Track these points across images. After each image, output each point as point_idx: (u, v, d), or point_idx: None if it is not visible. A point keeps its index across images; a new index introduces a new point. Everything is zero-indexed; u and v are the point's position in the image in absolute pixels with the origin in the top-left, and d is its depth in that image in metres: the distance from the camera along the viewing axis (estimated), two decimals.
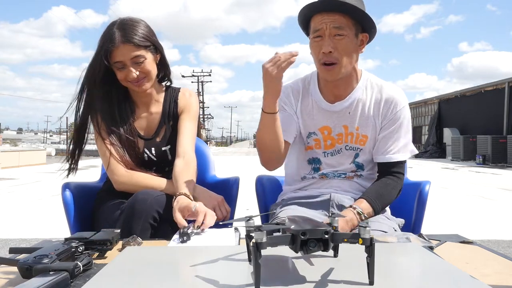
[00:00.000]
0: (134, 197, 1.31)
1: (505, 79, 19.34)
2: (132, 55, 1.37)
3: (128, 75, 1.39)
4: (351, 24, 1.25)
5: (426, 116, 28.29)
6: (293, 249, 0.72)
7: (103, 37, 1.39)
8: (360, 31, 1.29)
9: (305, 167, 1.45)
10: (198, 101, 1.60)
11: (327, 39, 1.24)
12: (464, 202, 6.58)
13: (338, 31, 1.23)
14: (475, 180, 10.42)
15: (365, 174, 1.42)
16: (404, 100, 1.38)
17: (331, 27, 1.23)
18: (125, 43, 1.36)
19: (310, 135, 1.42)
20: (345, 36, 1.24)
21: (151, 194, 1.32)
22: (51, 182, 9.00)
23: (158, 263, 0.84)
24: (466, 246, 1.05)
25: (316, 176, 1.43)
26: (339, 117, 1.38)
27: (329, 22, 1.23)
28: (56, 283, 0.70)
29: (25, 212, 5.35)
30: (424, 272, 0.79)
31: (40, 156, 16.81)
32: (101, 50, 1.37)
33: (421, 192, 1.53)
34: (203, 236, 1.09)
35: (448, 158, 21.80)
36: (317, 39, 1.27)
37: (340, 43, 1.25)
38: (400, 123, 1.36)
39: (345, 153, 1.40)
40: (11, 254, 0.90)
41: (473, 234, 4.06)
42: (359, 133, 1.38)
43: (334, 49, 1.25)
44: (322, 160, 1.42)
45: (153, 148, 1.51)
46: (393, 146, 1.36)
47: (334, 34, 1.24)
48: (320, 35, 1.26)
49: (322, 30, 1.25)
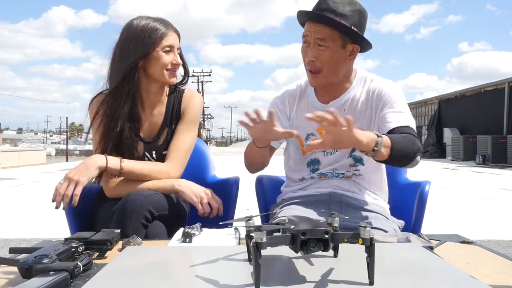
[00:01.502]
0: (126, 198, 1.31)
1: (505, 79, 19.34)
2: (178, 44, 1.47)
3: (175, 58, 1.44)
4: (337, 36, 1.25)
5: (426, 116, 28.29)
6: (293, 249, 0.72)
7: (144, 29, 1.39)
8: (349, 42, 1.28)
9: (304, 170, 1.46)
10: (200, 102, 1.56)
11: (312, 47, 1.28)
12: (464, 202, 6.58)
13: (320, 41, 1.26)
14: (475, 180, 10.42)
15: (364, 172, 1.41)
16: (393, 85, 1.38)
17: (315, 37, 1.26)
18: (175, 32, 1.46)
19: (309, 137, 1.42)
20: (327, 48, 1.26)
21: (142, 193, 1.32)
22: (51, 182, 9.01)
23: (158, 263, 0.84)
24: (466, 246, 1.05)
25: (315, 176, 1.43)
26: None
27: (314, 32, 1.26)
28: (56, 283, 0.70)
29: (25, 212, 5.35)
30: (424, 272, 0.79)
31: (40, 156, 16.81)
32: (144, 40, 1.39)
33: (421, 192, 1.53)
34: (203, 236, 1.09)
35: (448, 158, 21.80)
36: (305, 44, 1.31)
37: (323, 54, 1.27)
38: (394, 101, 1.32)
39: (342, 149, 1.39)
40: (11, 254, 0.90)
41: (473, 234, 4.06)
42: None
43: (317, 58, 1.27)
44: (322, 159, 1.42)
45: (154, 152, 1.50)
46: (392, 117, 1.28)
47: (317, 44, 1.27)
48: (306, 41, 1.30)
49: (308, 37, 1.28)
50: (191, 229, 1.08)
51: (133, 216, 1.25)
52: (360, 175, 1.42)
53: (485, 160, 17.18)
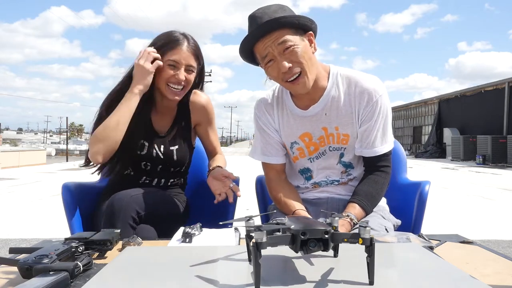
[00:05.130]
0: (112, 198, 1.31)
1: (505, 79, 19.35)
2: (189, 62, 1.45)
3: (178, 75, 1.43)
4: (291, 32, 1.22)
5: (426, 116, 28.28)
6: (293, 249, 0.72)
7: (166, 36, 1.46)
8: (302, 33, 1.25)
9: (298, 178, 1.44)
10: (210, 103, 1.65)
11: (279, 58, 1.22)
12: (464, 202, 6.58)
13: (284, 45, 1.21)
14: (475, 180, 10.42)
15: (358, 175, 1.40)
16: (381, 88, 1.31)
17: (276, 46, 1.21)
18: (189, 50, 1.45)
19: (293, 145, 1.39)
20: (292, 46, 1.21)
21: (128, 193, 1.32)
22: (51, 182, 9.01)
23: (158, 263, 0.84)
24: (466, 246, 1.05)
25: (309, 185, 1.42)
26: (317, 120, 1.35)
27: (271, 43, 1.21)
28: (56, 283, 0.70)
29: (25, 212, 5.35)
30: (424, 272, 0.79)
31: (40, 156, 16.81)
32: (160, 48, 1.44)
33: (421, 192, 1.53)
34: (203, 236, 1.09)
35: (448, 158, 21.80)
36: (270, 63, 1.24)
37: (293, 54, 1.21)
38: (379, 113, 1.31)
39: (329, 154, 1.37)
40: (11, 254, 0.90)
41: (473, 234, 4.06)
42: (340, 133, 1.34)
43: (291, 62, 1.22)
44: (310, 167, 1.40)
45: (162, 146, 1.52)
46: (376, 138, 1.32)
47: (282, 50, 1.21)
48: (271, 59, 1.23)
49: (270, 53, 1.22)
50: (191, 229, 1.08)
51: (120, 217, 1.26)
52: (354, 178, 1.40)
53: (485, 160, 17.19)
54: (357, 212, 1.25)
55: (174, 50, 1.43)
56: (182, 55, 1.43)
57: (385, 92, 1.33)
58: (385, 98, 1.32)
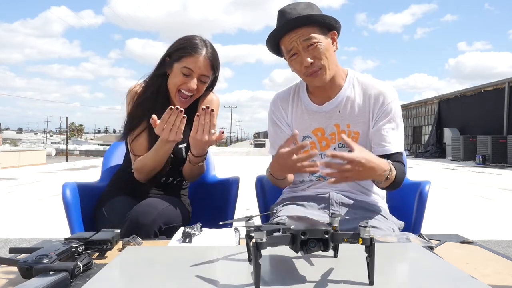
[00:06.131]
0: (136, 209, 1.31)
1: (505, 79, 19.35)
2: (204, 72, 1.44)
3: (189, 84, 1.42)
4: (316, 30, 1.29)
5: (426, 116, 28.28)
6: (293, 249, 0.72)
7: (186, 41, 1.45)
8: (326, 31, 1.33)
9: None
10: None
11: (303, 53, 1.29)
12: (464, 202, 6.58)
13: (309, 42, 1.28)
14: (475, 180, 10.42)
15: None
16: (393, 93, 1.39)
17: (301, 42, 1.28)
18: (206, 59, 1.44)
19: (305, 139, 1.43)
20: (316, 43, 1.28)
21: (156, 207, 1.32)
22: (51, 182, 9.01)
23: (158, 263, 0.84)
24: (466, 246, 1.05)
25: (314, 178, 1.44)
26: (330, 117, 1.40)
27: (297, 38, 1.28)
28: (56, 283, 0.70)
29: (25, 212, 5.35)
30: (424, 272, 0.79)
31: (40, 156, 16.81)
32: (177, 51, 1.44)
33: (421, 192, 1.53)
34: (203, 236, 1.09)
35: (448, 158, 21.79)
36: (294, 57, 1.32)
37: (316, 51, 1.29)
38: (393, 115, 1.36)
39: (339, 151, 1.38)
40: (11, 254, 0.90)
41: (473, 234, 4.06)
42: (351, 130, 1.39)
43: (313, 58, 1.29)
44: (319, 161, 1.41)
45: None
46: (389, 137, 1.35)
47: (307, 46, 1.29)
48: (295, 53, 1.31)
49: (295, 48, 1.30)
50: (191, 229, 1.08)
51: (143, 231, 1.25)
52: None
53: (485, 160, 17.19)
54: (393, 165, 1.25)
55: (191, 57, 1.42)
56: (198, 63, 1.42)
57: (397, 98, 1.40)
58: (397, 104, 1.39)
